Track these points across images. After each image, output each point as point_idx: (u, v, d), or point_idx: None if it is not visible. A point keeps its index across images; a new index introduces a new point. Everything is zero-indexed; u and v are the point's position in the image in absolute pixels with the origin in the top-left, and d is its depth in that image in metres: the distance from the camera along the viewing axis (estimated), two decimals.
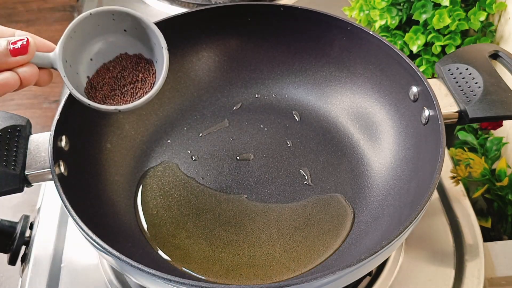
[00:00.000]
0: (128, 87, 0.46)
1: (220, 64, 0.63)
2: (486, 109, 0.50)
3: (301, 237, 0.51)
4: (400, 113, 0.55)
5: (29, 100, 1.18)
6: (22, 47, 0.39)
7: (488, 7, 0.70)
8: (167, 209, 0.54)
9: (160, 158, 0.58)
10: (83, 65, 0.46)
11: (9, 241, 0.57)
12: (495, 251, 0.56)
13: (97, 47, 0.46)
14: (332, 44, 0.60)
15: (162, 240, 0.51)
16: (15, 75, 0.40)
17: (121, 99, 0.46)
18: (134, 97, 0.46)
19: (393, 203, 0.51)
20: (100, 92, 0.46)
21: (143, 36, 0.46)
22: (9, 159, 0.47)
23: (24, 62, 0.40)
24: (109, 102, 0.45)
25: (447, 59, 0.55)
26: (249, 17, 0.61)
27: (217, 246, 0.51)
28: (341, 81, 0.61)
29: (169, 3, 0.87)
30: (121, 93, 0.46)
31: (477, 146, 0.71)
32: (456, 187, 0.61)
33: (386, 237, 0.40)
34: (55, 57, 0.42)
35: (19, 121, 0.50)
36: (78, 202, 0.44)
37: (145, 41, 0.46)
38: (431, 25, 0.70)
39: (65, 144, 0.49)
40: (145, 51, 0.47)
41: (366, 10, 0.77)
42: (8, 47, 0.39)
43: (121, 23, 0.45)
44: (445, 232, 0.55)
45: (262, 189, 0.55)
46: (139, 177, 0.57)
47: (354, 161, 0.57)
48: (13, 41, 0.39)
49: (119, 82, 0.46)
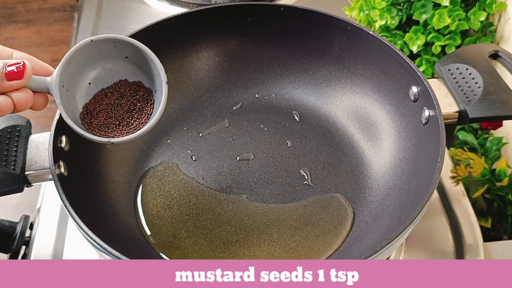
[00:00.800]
0: (125, 116, 0.45)
1: (220, 64, 0.63)
2: (486, 109, 0.50)
3: (301, 237, 0.51)
4: (400, 113, 0.55)
5: None
6: (18, 71, 0.38)
7: (488, 7, 0.70)
8: (167, 209, 0.54)
9: (160, 158, 0.58)
10: (80, 89, 0.45)
11: (9, 241, 0.57)
12: (495, 251, 0.56)
13: (96, 72, 0.45)
14: (332, 44, 0.60)
15: (162, 240, 0.51)
16: (9, 100, 0.38)
17: (116, 128, 0.45)
18: (130, 127, 0.45)
19: (393, 203, 0.51)
20: (96, 118, 0.45)
21: (144, 64, 0.45)
22: (9, 159, 0.47)
23: (19, 87, 0.38)
24: (104, 130, 0.44)
25: (447, 59, 0.55)
26: (249, 17, 0.61)
27: (217, 246, 0.51)
28: (341, 81, 0.61)
29: (169, 3, 0.87)
30: (117, 121, 0.45)
31: (477, 146, 0.71)
32: (456, 187, 0.61)
33: (386, 237, 0.40)
34: (52, 82, 0.41)
35: (19, 121, 0.50)
36: (78, 202, 0.44)
37: (146, 70, 0.45)
38: (431, 25, 0.70)
39: (65, 144, 0.49)
40: (145, 79, 0.46)
41: (366, 10, 0.77)
42: (4, 70, 0.38)
43: (122, 50, 0.44)
44: (445, 232, 0.55)
45: (262, 189, 0.55)
46: (139, 177, 0.57)
47: (354, 161, 0.57)
48: (9, 64, 0.38)
49: (116, 110, 0.45)
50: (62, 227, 0.58)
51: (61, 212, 0.60)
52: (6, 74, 0.38)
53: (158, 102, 0.44)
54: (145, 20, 0.59)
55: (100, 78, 0.45)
